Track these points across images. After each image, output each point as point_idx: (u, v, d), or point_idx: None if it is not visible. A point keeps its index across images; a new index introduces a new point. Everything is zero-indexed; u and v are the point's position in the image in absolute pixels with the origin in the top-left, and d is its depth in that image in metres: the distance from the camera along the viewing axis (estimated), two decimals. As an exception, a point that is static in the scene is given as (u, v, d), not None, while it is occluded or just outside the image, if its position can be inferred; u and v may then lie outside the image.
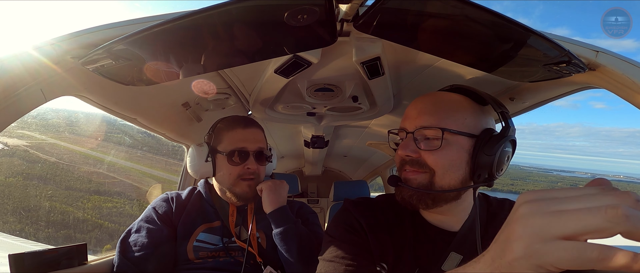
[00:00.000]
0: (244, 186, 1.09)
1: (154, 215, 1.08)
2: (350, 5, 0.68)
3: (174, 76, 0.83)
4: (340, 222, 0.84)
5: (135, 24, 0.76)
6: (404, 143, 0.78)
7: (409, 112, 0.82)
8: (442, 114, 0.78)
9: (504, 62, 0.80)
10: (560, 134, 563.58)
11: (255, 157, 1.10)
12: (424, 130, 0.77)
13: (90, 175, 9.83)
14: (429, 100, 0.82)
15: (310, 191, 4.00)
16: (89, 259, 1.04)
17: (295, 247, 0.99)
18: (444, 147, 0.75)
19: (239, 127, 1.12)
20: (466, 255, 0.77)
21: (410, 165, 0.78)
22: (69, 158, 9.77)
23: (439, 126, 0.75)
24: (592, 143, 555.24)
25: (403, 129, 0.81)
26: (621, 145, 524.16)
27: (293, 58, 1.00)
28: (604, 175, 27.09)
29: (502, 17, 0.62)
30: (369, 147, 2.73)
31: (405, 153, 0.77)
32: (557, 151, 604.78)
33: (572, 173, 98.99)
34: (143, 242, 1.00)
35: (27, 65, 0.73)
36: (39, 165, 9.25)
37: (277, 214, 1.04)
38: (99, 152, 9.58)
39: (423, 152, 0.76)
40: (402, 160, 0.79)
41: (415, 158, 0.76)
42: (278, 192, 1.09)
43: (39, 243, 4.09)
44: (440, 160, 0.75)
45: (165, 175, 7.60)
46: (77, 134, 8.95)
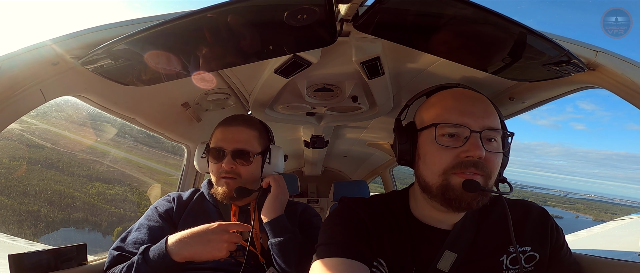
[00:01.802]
0: (223, 184, 1.08)
1: (155, 213, 1.09)
2: (350, 5, 0.68)
3: (174, 76, 0.83)
4: (339, 215, 0.83)
5: (135, 24, 0.76)
6: (475, 143, 0.71)
7: (465, 107, 0.76)
8: (496, 115, 0.78)
9: (503, 61, 0.80)
10: (540, 152, 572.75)
11: (233, 157, 1.07)
12: (491, 131, 0.74)
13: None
14: (478, 99, 0.79)
15: (310, 191, 4.00)
16: (89, 259, 1.04)
17: (294, 259, 0.98)
18: (499, 150, 0.76)
19: (222, 125, 1.12)
20: (460, 253, 0.77)
21: (476, 167, 0.72)
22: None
23: (500, 128, 0.76)
24: (570, 163, 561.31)
25: (465, 125, 0.73)
26: (597, 167, 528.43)
27: (293, 58, 1.00)
28: (576, 193, 27.10)
29: (501, 17, 0.62)
30: (369, 147, 2.73)
31: (480, 154, 0.71)
32: (536, 169, 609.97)
33: (546, 191, 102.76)
34: (143, 239, 1.00)
35: (27, 65, 0.73)
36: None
37: (273, 224, 1.02)
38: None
39: (487, 154, 0.72)
40: (469, 161, 0.72)
41: (481, 160, 0.72)
42: (281, 200, 1.07)
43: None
44: (496, 163, 0.75)
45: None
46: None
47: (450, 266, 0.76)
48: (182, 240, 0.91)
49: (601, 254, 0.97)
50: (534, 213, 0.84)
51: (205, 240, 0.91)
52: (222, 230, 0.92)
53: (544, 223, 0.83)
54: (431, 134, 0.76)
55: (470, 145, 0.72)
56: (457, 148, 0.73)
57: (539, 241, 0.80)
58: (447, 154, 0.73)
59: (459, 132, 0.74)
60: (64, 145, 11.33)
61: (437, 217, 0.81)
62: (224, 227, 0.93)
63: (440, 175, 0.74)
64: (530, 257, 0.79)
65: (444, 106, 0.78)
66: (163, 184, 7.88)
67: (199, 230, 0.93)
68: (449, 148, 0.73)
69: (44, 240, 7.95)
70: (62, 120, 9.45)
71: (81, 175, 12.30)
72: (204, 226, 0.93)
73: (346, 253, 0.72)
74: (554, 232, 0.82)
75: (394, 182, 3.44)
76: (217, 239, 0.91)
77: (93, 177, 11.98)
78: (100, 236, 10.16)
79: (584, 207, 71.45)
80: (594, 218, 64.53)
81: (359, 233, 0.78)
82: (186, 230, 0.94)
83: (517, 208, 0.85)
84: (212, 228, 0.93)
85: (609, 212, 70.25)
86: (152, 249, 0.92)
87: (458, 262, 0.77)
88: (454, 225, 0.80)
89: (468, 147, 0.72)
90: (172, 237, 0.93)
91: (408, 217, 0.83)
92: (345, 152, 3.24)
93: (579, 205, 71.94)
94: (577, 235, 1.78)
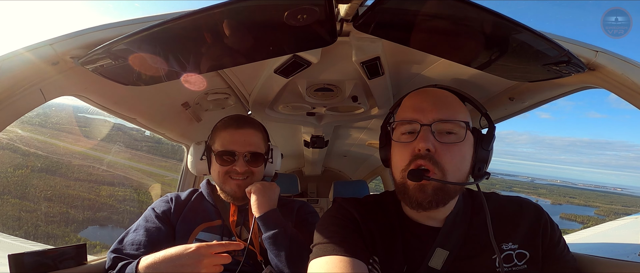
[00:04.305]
0: (233, 185, 1.09)
1: (152, 214, 1.09)
2: (350, 5, 0.68)
3: (174, 76, 0.83)
4: (333, 215, 0.83)
5: (135, 24, 0.76)
6: (422, 136, 0.72)
7: (417, 103, 0.77)
8: (457, 108, 0.77)
9: (503, 62, 0.80)
10: (510, 140, 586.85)
11: (245, 159, 1.08)
12: (442, 123, 0.74)
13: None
14: (435, 94, 0.79)
15: (310, 191, 3.99)
16: (89, 259, 1.04)
17: (284, 252, 0.97)
18: (462, 142, 0.75)
19: (231, 128, 1.12)
20: (452, 250, 0.77)
21: (425, 160, 0.72)
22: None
23: (458, 120, 0.75)
24: (538, 150, 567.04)
25: (415, 120, 0.75)
26: (562, 153, 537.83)
27: (293, 58, 1.00)
28: (543, 179, 27.67)
29: (501, 17, 0.62)
30: (369, 147, 2.73)
31: (426, 146, 0.71)
32: (507, 157, 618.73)
33: (515, 177, 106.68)
34: (141, 240, 1.00)
35: (27, 65, 0.73)
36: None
37: (265, 218, 1.02)
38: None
39: (440, 146, 0.72)
40: (416, 154, 0.73)
41: (431, 153, 0.72)
42: (267, 195, 1.06)
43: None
44: (455, 156, 0.74)
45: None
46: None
47: (442, 264, 0.76)
48: (154, 265, 0.86)
49: (601, 254, 0.97)
50: (527, 210, 0.84)
51: (178, 265, 0.83)
52: (200, 254, 0.84)
53: (536, 220, 0.82)
54: (395, 134, 0.79)
55: (418, 138, 0.73)
56: (411, 143, 0.74)
57: (530, 239, 0.80)
58: (404, 151, 0.75)
59: (412, 129, 0.75)
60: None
61: (426, 214, 0.81)
62: (203, 250, 0.84)
63: (400, 172, 0.76)
64: (520, 255, 0.79)
65: (403, 106, 0.80)
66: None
67: (173, 253, 0.85)
68: (406, 145, 0.75)
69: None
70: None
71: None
72: (180, 248, 0.86)
73: (344, 251, 0.72)
74: (547, 230, 0.81)
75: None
76: (192, 264, 0.83)
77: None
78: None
79: (546, 192, 74.38)
80: (552, 202, 67.63)
81: (353, 231, 0.78)
82: (162, 251, 0.87)
83: (509, 205, 0.84)
84: (188, 251, 0.84)
85: (568, 196, 73.69)
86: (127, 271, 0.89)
87: (450, 260, 0.76)
88: (445, 222, 0.80)
89: (417, 140, 0.73)
90: (144, 259, 0.88)
91: (400, 215, 0.84)
92: (345, 152, 3.24)
93: (542, 191, 75.07)
94: (577, 235, 1.78)
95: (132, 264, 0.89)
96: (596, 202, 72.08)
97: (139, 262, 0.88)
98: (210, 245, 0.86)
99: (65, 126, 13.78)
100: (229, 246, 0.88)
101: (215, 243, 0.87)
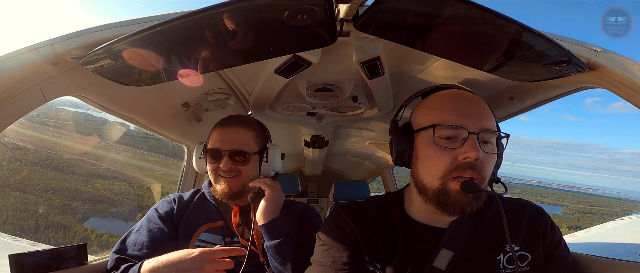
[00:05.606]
0: (222, 183, 1.08)
1: (155, 215, 1.09)
2: (350, 5, 0.68)
3: (174, 76, 0.83)
4: (331, 227, 0.84)
5: (135, 24, 0.76)
6: (473, 144, 0.71)
7: (463, 108, 0.75)
8: (493, 117, 0.78)
9: (503, 61, 0.80)
10: None
11: (231, 157, 1.07)
12: (488, 133, 0.74)
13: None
14: (476, 100, 0.79)
15: (310, 191, 3.99)
16: (89, 259, 1.04)
17: (290, 261, 0.97)
18: (494, 151, 0.76)
19: (219, 127, 1.12)
20: (457, 251, 0.77)
21: (472, 170, 0.71)
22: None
23: (495, 130, 0.76)
24: (516, 151, 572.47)
25: (462, 126, 0.73)
26: (539, 154, 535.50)
27: (293, 58, 1.00)
28: (519, 179, 28.00)
29: (501, 17, 0.62)
30: (369, 147, 2.73)
31: (477, 155, 0.70)
32: None
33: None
34: (143, 241, 1.00)
35: (27, 66, 0.73)
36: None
37: (271, 227, 1.01)
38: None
39: (483, 155, 0.72)
40: (461, 162, 0.72)
41: (476, 162, 0.71)
42: (276, 203, 1.05)
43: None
44: (491, 165, 0.76)
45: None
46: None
47: (446, 264, 0.76)
48: (156, 269, 0.86)
49: (601, 254, 0.97)
50: (528, 212, 0.84)
51: (180, 270, 0.83)
52: (203, 259, 0.84)
53: (537, 222, 0.82)
54: (429, 135, 0.75)
55: (468, 146, 0.71)
56: (454, 149, 0.73)
57: (530, 241, 0.80)
58: (445, 156, 0.73)
59: (456, 134, 0.73)
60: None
61: (433, 217, 0.81)
62: (206, 255, 0.84)
63: (439, 178, 0.74)
64: (521, 257, 0.79)
65: (441, 107, 0.77)
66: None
67: (175, 257, 0.85)
68: (447, 150, 0.73)
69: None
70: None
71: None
72: (183, 253, 0.85)
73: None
74: (547, 231, 0.82)
75: (394, 182, 3.44)
76: (194, 269, 0.82)
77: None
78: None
79: (520, 191, 76.39)
80: (523, 200, 70.99)
81: (350, 246, 0.80)
82: (164, 255, 0.87)
83: (512, 207, 0.85)
84: (191, 256, 0.84)
85: (540, 195, 75.22)
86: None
87: (454, 260, 0.77)
88: (450, 224, 0.80)
89: (466, 148, 0.71)
90: (147, 263, 0.88)
91: (403, 217, 0.84)
92: (346, 152, 3.24)
93: (516, 190, 78.17)
94: (577, 235, 1.77)
95: (134, 267, 0.89)
96: (565, 201, 73.85)
97: (141, 266, 0.88)
98: (213, 250, 0.86)
99: (50, 121, 15.20)
100: (232, 252, 0.87)
101: (218, 248, 0.87)
